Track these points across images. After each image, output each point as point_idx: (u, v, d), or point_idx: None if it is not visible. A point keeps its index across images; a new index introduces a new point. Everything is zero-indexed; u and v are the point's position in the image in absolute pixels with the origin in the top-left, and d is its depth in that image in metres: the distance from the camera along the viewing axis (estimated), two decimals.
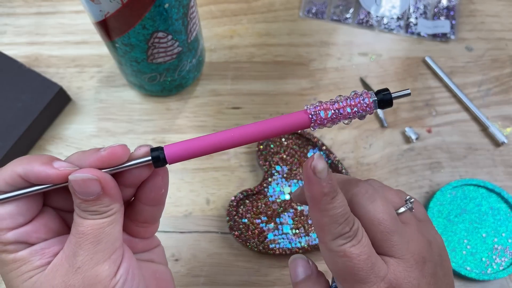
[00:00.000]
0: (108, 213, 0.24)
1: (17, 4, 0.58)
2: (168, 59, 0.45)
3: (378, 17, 0.57)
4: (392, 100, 0.25)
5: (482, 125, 0.51)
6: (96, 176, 0.23)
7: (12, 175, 0.24)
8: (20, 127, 0.47)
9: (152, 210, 0.28)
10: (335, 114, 0.25)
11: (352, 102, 0.24)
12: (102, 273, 0.24)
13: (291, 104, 0.52)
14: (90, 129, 0.51)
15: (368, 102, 0.24)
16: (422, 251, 0.27)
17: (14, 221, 0.24)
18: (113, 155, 0.24)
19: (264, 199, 0.47)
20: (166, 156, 0.24)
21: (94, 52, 0.55)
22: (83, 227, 0.24)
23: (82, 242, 0.24)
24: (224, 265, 0.45)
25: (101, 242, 0.24)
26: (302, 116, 0.25)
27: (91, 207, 0.24)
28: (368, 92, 0.25)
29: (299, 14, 0.57)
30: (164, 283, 0.30)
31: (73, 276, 0.23)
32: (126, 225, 0.28)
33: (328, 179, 0.24)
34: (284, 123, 0.25)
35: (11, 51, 0.54)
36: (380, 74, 0.54)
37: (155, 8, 0.38)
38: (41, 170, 0.23)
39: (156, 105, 0.52)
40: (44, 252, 0.24)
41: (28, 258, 0.24)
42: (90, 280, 0.23)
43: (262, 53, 0.55)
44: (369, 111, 0.25)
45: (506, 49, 0.55)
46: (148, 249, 0.30)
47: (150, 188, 0.27)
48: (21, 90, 0.48)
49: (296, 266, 0.30)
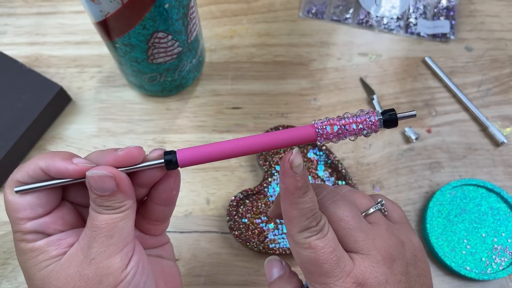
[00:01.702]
0: (121, 209, 0.26)
1: (17, 4, 0.58)
2: (168, 59, 0.45)
3: (378, 17, 0.57)
4: (397, 120, 0.26)
5: (482, 125, 0.51)
6: (111, 174, 0.25)
7: (34, 169, 0.25)
8: (20, 127, 0.47)
9: (164, 209, 0.30)
10: (341, 129, 0.26)
11: (358, 119, 0.26)
12: (114, 265, 0.25)
13: (291, 104, 0.52)
14: (91, 129, 0.51)
15: (373, 120, 0.26)
16: (391, 249, 0.27)
17: (34, 212, 0.26)
18: (129, 155, 0.26)
19: (264, 199, 0.47)
20: (178, 159, 0.26)
21: (95, 52, 0.55)
22: (98, 221, 0.25)
23: (97, 235, 0.25)
24: (224, 265, 0.45)
25: (114, 236, 0.25)
26: (309, 130, 0.26)
27: (105, 202, 0.25)
28: (374, 111, 0.26)
29: (299, 14, 0.57)
30: (172, 278, 0.31)
31: (87, 267, 0.25)
32: (138, 222, 0.30)
33: (302, 175, 0.25)
34: (292, 135, 0.26)
35: (12, 51, 0.54)
36: (380, 74, 0.54)
37: (155, 8, 0.38)
38: (61, 165, 0.25)
39: (156, 105, 0.52)
40: (60, 243, 0.26)
41: (45, 247, 0.26)
42: (103, 271, 0.25)
43: (262, 53, 0.55)
44: (374, 129, 0.26)
45: (505, 49, 0.55)
46: (157, 245, 0.32)
47: (162, 189, 0.29)
48: (22, 90, 0.48)
49: (271, 267, 0.31)
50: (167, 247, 0.33)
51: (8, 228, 0.47)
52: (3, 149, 0.46)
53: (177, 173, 0.29)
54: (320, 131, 0.26)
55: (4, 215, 0.47)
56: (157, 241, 0.32)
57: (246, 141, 0.26)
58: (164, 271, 0.31)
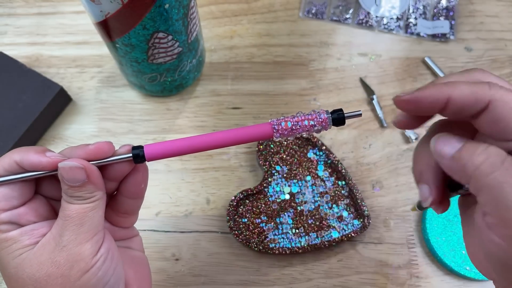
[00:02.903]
0: (91, 199, 0.27)
1: (17, 5, 0.58)
2: (168, 60, 0.45)
3: (377, 17, 0.57)
4: (345, 119, 0.29)
5: None
6: (82, 165, 0.26)
7: (10, 162, 0.27)
8: (21, 127, 0.47)
9: (132, 202, 0.31)
10: (294, 125, 0.28)
11: (309, 116, 0.28)
12: (85, 251, 0.26)
13: (291, 104, 0.52)
14: (91, 129, 0.51)
15: (323, 118, 0.28)
16: None
17: (9, 204, 0.27)
18: (99, 149, 0.27)
19: (264, 199, 0.47)
20: (145, 153, 0.28)
21: (95, 53, 0.55)
22: (69, 211, 0.27)
23: (68, 224, 0.26)
24: (224, 265, 0.45)
25: (84, 224, 0.27)
26: (267, 127, 0.28)
27: (76, 192, 0.27)
28: (324, 110, 0.29)
29: (299, 14, 0.58)
30: (141, 267, 0.33)
31: (59, 253, 0.26)
32: (108, 215, 0.32)
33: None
34: (251, 131, 0.28)
35: (12, 52, 0.54)
36: (380, 74, 0.54)
37: (156, 8, 0.38)
38: (35, 158, 0.27)
39: (156, 105, 0.52)
40: (33, 232, 0.27)
41: (18, 237, 0.27)
42: (74, 257, 0.26)
43: (262, 53, 0.55)
44: (324, 126, 0.28)
45: (505, 49, 0.56)
46: (127, 237, 0.33)
47: (131, 183, 0.30)
48: (22, 90, 0.49)
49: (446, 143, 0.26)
50: (136, 240, 0.34)
51: None
52: (3, 149, 0.46)
53: (145, 167, 0.30)
54: (276, 127, 0.28)
55: None
56: (126, 234, 0.33)
57: (210, 136, 0.28)
58: (133, 260, 0.32)
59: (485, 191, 0.23)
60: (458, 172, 0.24)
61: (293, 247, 0.45)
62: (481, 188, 0.23)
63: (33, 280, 0.26)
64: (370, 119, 0.52)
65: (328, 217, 0.46)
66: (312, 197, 0.47)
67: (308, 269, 0.45)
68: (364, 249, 0.46)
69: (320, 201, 0.47)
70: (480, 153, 0.23)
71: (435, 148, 0.25)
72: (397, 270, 0.45)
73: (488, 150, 0.23)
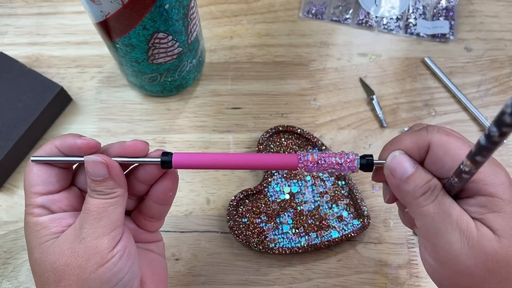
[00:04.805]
0: (111, 195, 0.28)
1: (18, 5, 0.58)
2: (168, 60, 0.45)
3: (377, 17, 0.57)
4: (373, 165, 0.30)
5: (481, 125, 0.51)
6: (104, 160, 0.28)
7: (51, 147, 0.29)
8: (21, 127, 0.47)
9: (160, 208, 0.33)
10: (320, 160, 0.29)
11: (337, 154, 0.29)
12: (101, 245, 0.27)
13: (291, 104, 0.52)
14: (91, 129, 0.51)
15: (351, 158, 0.29)
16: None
17: (46, 188, 0.29)
18: (135, 146, 0.29)
19: (264, 198, 0.47)
20: (173, 160, 0.29)
21: (95, 53, 0.55)
22: (90, 204, 0.28)
23: (87, 217, 0.28)
24: (224, 265, 0.46)
25: (102, 219, 0.28)
26: (293, 158, 0.29)
27: (98, 187, 0.28)
28: (354, 153, 0.29)
29: (299, 14, 0.58)
30: (159, 271, 0.34)
31: (78, 245, 0.27)
32: (136, 216, 0.33)
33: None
34: (277, 160, 0.30)
35: (12, 52, 0.54)
36: (380, 75, 0.54)
37: (156, 8, 0.38)
38: (71, 140, 0.29)
39: (156, 105, 0.52)
40: (61, 221, 0.29)
41: (47, 223, 0.28)
42: (91, 250, 0.27)
43: (262, 53, 0.55)
44: (351, 166, 0.29)
45: (505, 50, 0.56)
46: (151, 241, 0.34)
47: (160, 189, 0.32)
48: (22, 90, 0.49)
49: (402, 162, 0.28)
50: (159, 244, 0.35)
51: (9, 228, 0.47)
52: (3, 149, 0.46)
53: (175, 176, 0.32)
54: (302, 159, 0.29)
55: (4, 215, 0.47)
56: (150, 237, 0.34)
57: (237, 157, 0.30)
58: (153, 263, 0.33)
59: (419, 218, 0.27)
60: (399, 194, 0.28)
61: (293, 247, 0.45)
62: (416, 216, 0.27)
63: (53, 268, 0.27)
64: (370, 119, 0.52)
65: (328, 217, 0.46)
66: (312, 197, 0.47)
67: (308, 269, 0.45)
68: (364, 249, 0.46)
69: (320, 201, 0.47)
70: (422, 186, 0.26)
71: (389, 164, 0.28)
72: (396, 270, 0.45)
73: (429, 184, 0.27)
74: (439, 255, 0.26)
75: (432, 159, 0.27)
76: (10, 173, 0.49)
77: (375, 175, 0.31)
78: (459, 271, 0.26)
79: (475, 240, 0.25)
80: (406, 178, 0.27)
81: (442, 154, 0.27)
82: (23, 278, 0.45)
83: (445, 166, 0.27)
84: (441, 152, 0.27)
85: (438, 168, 0.27)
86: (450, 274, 0.26)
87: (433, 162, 0.27)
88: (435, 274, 0.28)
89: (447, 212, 0.26)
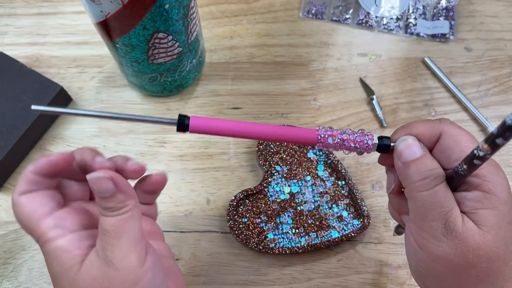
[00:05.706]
0: (124, 209, 0.27)
1: (18, 5, 0.58)
2: (168, 60, 0.45)
3: (377, 17, 0.57)
4: (390, 147, 0.30)
5: (481, 125, 0.51)
6: (108, 175, 0.27)
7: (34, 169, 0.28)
8: (21, 127, 0.47)
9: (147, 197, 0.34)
10: (339, 143, 0.29)
11: (358, 138, 0.29)
12: (131, 264, 0.26)
13: (291, 104, 0.52)
14: (91, 129, 0.51)
15: (370, 137, 0.29)
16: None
17: (46, 209, 0.27)
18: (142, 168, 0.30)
19: (264, 198, 0.47)
20: (190, 124, 0.28)
21: (95, 53, 0.55)
22: (106, 225, 0.27)
23: (107, 238, 0.26)
24: (224, 265, 0.46)
25: (122, 237, 0.26)
26: (312, 133, 0.29)
27: (109, 204, 0.27)
28: (372, 134, 0.30)
29: (299, 14, 0.58)
30: (176, 276, 0.33)
31: (108, 269, 0.26)
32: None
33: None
34: (296, 133, 0.29)
35: (12, 52, 0.54)
36: (380, 75, 0.54)
37: (156, 8, 0.38)
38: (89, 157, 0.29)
39: (156, 105, 0.52)
40: (80, 243, 0.27)
41: (67, 246, 0.27)
42: (123, 271, 0.26)
43: (262, 53, 0.55)
44: (367, 148, 0.30)
45: (505, 50, 0.56)
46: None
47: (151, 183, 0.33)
48: (22, 90, 0.49)
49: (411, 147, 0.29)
50: (164, 246, 0.34)
51: (8, 228, 0.47)
52: (4, 149, 0.46)
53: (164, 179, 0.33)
54: (322, 138, 0.29)
55: (4, 215, 0.47)
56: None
57: (254, 126, 0.29)
58: (170, 270, 0.32)
59: (413, 201, 0.28)
60: (401, 175, 0.29)
61: (293, 247, 0.45)
62: (410, 198, 0.28)
63: None
64: (370, 119, 0.52)
65: (328, 217, 0.46)
66: (312, 197, 0.47)
67: (308, 269, 0.45)
68: (364, 249, 0.46)
69: (320, 201, 0.47)
70: (422, 172, 0.27)
71: (398, 147, 0.29)
72: (397, 270, 0.45)
73: (432, 171, 0.27)
74: (421, 237, 0.27)
75: (441, 148, 0.28)
76: (10, 173, 0.49)
77: (382, 158, 0.32)
78: (437, 255, 0.27)
79: (458, 232, 0.26)
80: (411, 160, 0.28)
81: (453, 143, 0.28)
82: (23, 278, 0.45)
83: (453, 155, 0.27)
84: (451, 141, 0.28)
85: (445, 157, 0.28)
86: (429, 257, 0.27)
87: (441, 150, 0.28)
88: (415, 256, 0.28)
89: (439, 202, 0.27)
